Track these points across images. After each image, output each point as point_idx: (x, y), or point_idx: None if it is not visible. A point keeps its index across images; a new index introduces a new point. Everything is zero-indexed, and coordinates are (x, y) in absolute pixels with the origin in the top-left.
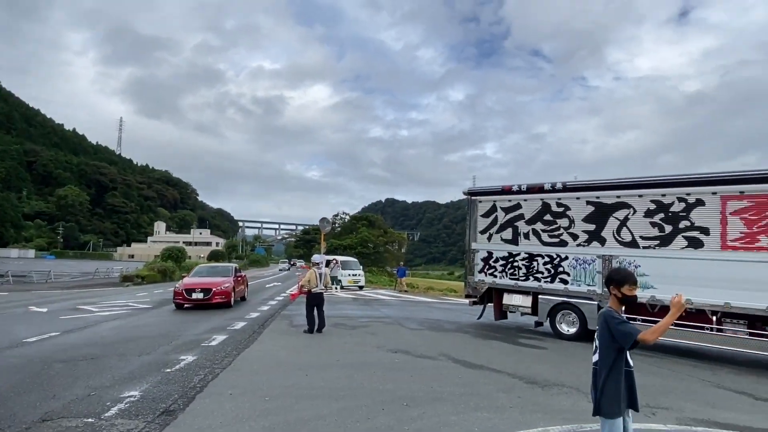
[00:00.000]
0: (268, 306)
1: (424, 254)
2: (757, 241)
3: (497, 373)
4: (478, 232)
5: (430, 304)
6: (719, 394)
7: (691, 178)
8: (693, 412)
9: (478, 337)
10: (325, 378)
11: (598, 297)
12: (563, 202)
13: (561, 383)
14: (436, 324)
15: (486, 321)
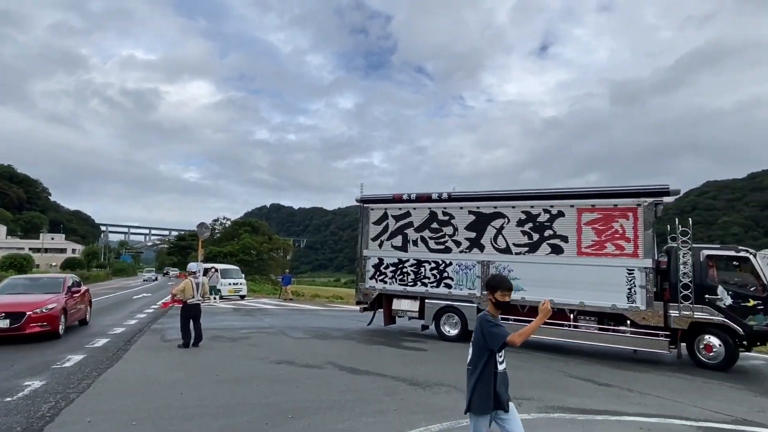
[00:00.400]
0: (135, 320)
1: (311, 261)
2: (605, 248)
3: (382, 377)
4: (370, 239)
5: (317, 312)
6: (571, 382)
7: (554, 192)
8: (550, 400)
9: (363, 343)
10: (203, 395)
11: (478, 299)
12: (448, 211)
13: (441, 382)
14: (322, 332)
15: (375, 327)
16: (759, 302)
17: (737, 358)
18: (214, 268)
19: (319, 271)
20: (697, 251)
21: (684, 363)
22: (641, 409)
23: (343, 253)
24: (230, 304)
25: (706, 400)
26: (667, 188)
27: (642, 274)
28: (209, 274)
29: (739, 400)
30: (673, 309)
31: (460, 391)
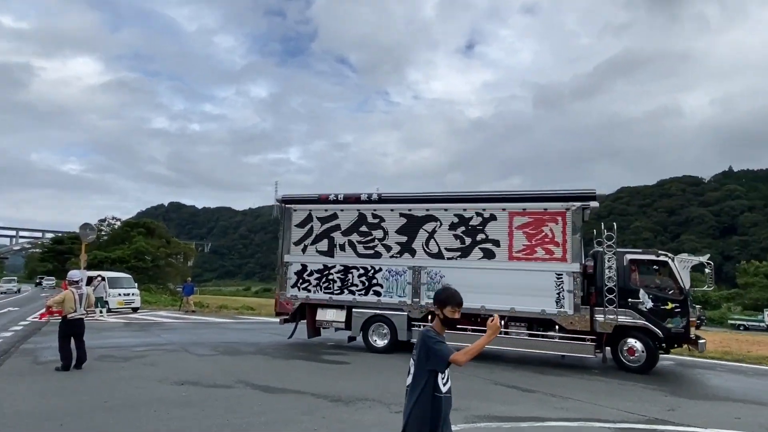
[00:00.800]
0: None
1: (216, 268)
2: (535, 253)
3: (300, 395)
4: (292, 243)
5: (224, 325)
6: (496, 389)
7: (487, 195)
8: (477, 409)
9: (279, 358)
10: (89, 426)
11: (408, 308)
12: (379, 213)
13: (365, 397)
14: (231, 347)
15: (295, 340)
16: (676, 305)
17: (657, 360)
18: (100, 276)
19: (226, 279)
20: (620, 255)
21: (601, 366)
22: (563, 413)
23: (254, 258)
24: (121, 319)
25: (622, 401)
26: (593, 193)
27: (570, 278)
28: (94, 283)
29: (652, 400)
30: (598, 313)
31: (386, 405)
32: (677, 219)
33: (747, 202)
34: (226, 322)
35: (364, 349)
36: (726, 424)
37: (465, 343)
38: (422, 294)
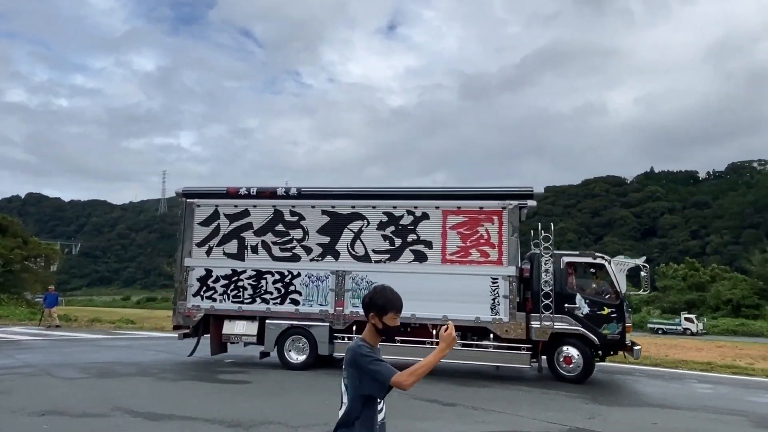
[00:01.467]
0: None
1: (88, 274)
2: (470, 255)
3: (191, 421)
4: (195, 244)
5: (97, 342)
6: (415, 404)
7: (419, 192)
8: (393, 427)
9: (166, 380)
10: None
11: (331, 318)
12: (298, 210)
13: (267, 420)
14: (106, 369)
15: (188, 359)
16: (612, 310)
17: (593, 369)
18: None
19: (99, 287)
20: (558, 258)
21: (529, 375)
22: (485, 426)
23: (135, 262)
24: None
25: (543, 411)
26: (531, 190)
27: (506, 282)
28: None
29: (573, 408)
30: (534, 320)
31: (292, 428)
32: (601, 220)
33: (667, 204)
34: (99, 338)
35: (268, 367)
36: (644, 429)
37: (395, 356)
38: (347, 302)
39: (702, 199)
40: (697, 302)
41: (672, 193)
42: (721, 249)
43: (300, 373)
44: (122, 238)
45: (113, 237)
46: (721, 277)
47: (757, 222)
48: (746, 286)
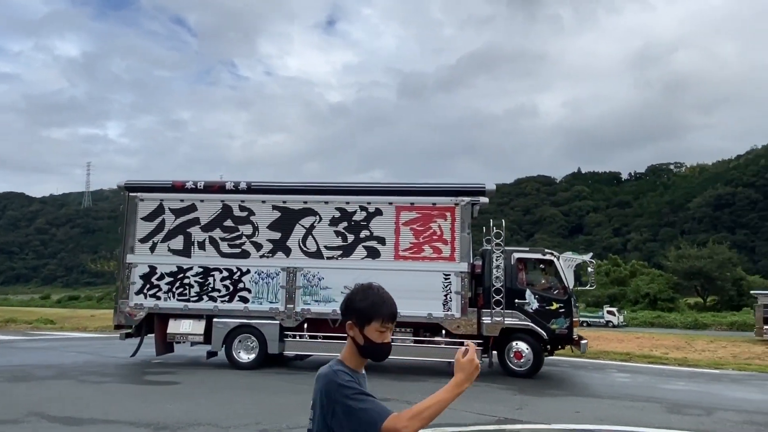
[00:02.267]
0: None
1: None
2: (422, 251)
3: (115, 425)
4: (138, 240)
5: (13, 344)
6: None
7: (372, 187)
8: None
9: (88, 383)
10: None
11: (281, 316)
12: (247, 205)
13: (197, 422)
14: (20, 371)
15: (109, 360)
16: (561, 305)
17: (543, 363)
18: None
19: (16, 285)
20: (508, 254)
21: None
22: None
23: (56, 258)
24: None
25: (475, 403)
26: (483, 188)
27: (458, 279)
28: None
29: (502, 400)
30: (485, 315)
31: (222, 428)
32: (532, 218)
33: (592, 203)
34: (15, 339)
35: (198, 366)
36: (568, 418)
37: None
38: (298, 299)
39: (624, 199)
40: (619, 296)
41: (597, 193)
42: (640, 246)
43: (234, 372)
44: (41, 233)
45: (31, 232)
46: (640, 273)
47: (672, 221)
48: (662, 281)
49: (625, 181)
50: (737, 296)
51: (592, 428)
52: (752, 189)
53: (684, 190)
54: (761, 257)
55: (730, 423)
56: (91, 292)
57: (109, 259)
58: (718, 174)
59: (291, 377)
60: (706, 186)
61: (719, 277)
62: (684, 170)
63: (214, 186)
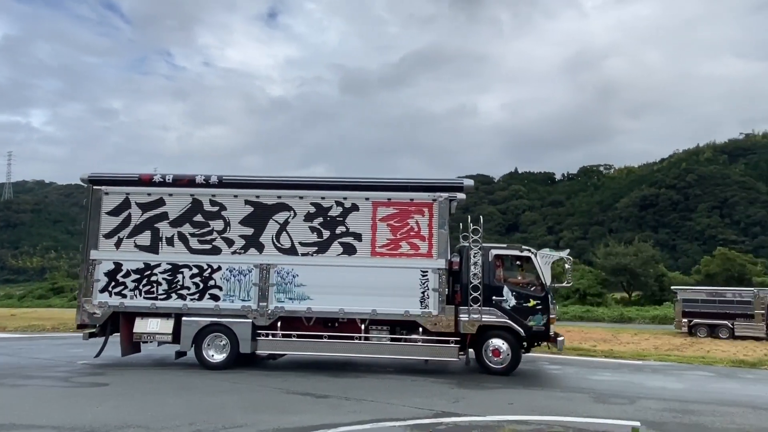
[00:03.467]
0: None
1: None
2: (400, 248)
3: (36, 430)
4: (102, 235)
5: None
6: (288, 399)
7: (348, 182)
8: (265, 423)
9: (5, 386)
10: None
11: (254, 314)
12: (218, 200)
13: (126, 424)
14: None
15: (36, 362)
16: (538, 302)
17: (520, 360)
18: None
19: None
20: (486, 251)
21: (393, 365)
22: (357, 416)
23: None
24: None
25: (413, 397)
26: (461, 184)
27: (435, 276)
28: None
29: (440, 393)
30: (463, 313)
31: (152, 429)
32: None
33: (528, 202)
34: None
35: (128, 367)
36: (502, 410)
37: (322, 352)
38: (271, 297)
39: (557, 198)
40: (551, 291)
41: (532, 192)
42: (572, 243)
43: (169, 372)
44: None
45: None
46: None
47: (602, 219)
48: (591, 277)
49: (559, 181)
50: (659, 291)
51: (525, 419)
52: (674, 191)
53: (612, 191)
54: (681, 255)
55: (651, 411)
56: (12, 290)
57: (32, 255)
58: (644, 176)
59: (231, 376)
60: (632, 187)
61: (643, 273)
62: (613, 172)
63: (184, 179)
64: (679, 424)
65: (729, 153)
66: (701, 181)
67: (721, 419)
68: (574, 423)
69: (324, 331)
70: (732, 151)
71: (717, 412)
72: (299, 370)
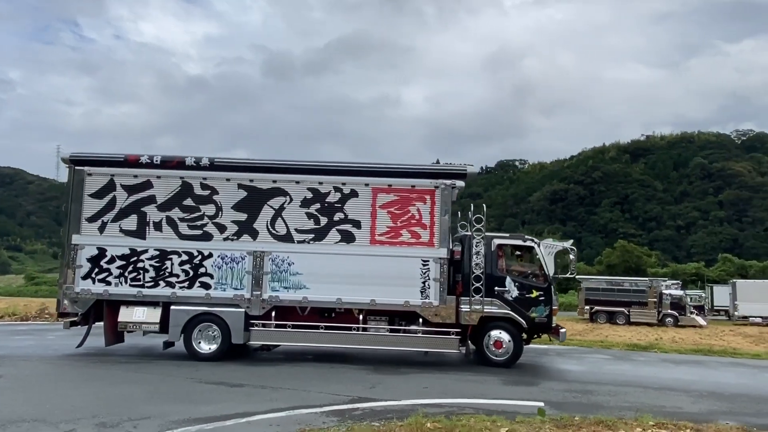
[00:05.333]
0: None
1: None
2: (400, 236)
3: None
4: (85, 219)
5: None
6: (201, 388)
7: (347, 167)
8: (176, 413)
9: None
10: None
11: (247, 303)
12: (210, 183)
13: (21, 418)
14: None
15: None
16: (541, 293)
17: (522, 352)
18: None
19: None
20: (489, 240)
21: (312, 352)
22: (272, 404)
23: None
24: None
25: (330, 384)
26: (464, 170)
27: (437, 265)
28: None
29: (357, 379)
30: (464, 303)
31: (51, 424)
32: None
33: None
34: None
35: (24, 358)
36: (417, 394)
37: (319, 343)
38: (265, 286)
39: (476, 191)
40: None
41: None
42: None
43: (70, 363)
44: None
45: None
46: None
47: (516, 212)
48: None
49: (478, 174)
50: (564, 281)
51: (438, 402)
52: (581, 186)
53: (526, 185)
54: (586, 247)
55: (554, 392)
56: None
57: None
58: (555, 172)
59: (139, 366)
60: (544, 182)
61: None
62: (527, 167)
63: (173, 161)
64: (579, 403)
65: (631, 153)
66: (605, 178)
67: (615, 398)
68: (484, 405)
69: (319, 322)
70: (634, 151)
71: (612, 392)
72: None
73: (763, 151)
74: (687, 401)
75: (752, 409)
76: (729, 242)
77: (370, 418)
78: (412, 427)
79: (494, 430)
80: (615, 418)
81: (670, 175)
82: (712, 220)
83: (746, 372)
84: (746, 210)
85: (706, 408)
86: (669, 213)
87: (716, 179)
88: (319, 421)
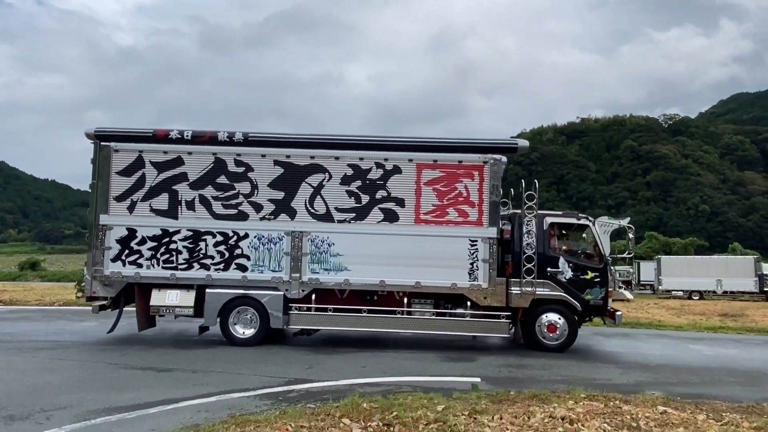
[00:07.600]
0: None
1: None
2: (446, 215)
3: None
4: (113, 198)
5: None
6: (126, 374)
7: (389, 142)
8: (95, 402)
9: None
10: None
11: (285, 285)
12: (244, 159)
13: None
14: None
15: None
16: (596, 274)
17: (576, 336)
18: None
19: None
20: (540, 218)
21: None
22: (202, 389)
23: None
24: None
25: (265, 366)
26: (515, 144)
27: (486, 245)
28: None
29: (293, 360)
30: (514, 285)
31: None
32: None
33: None
34: None
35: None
36: (355, 373)
37: (360, 328)
38: (304, 268)
39: None
40: None
41: None
42: None
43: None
44: None
45: None
46: None
47: None
48: None
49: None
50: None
51: (376, 381)
52: (520, 167)
53: None
54: None
55: (491, 367)
56: None
57: None
58: None
59: (58, 353)
60: None
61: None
62: None
63: (205, 136)
64: (514, 378)
65: (567, 134)
66: (543, 159)
67: (549, 372)
68: (423, 382)
69: (359, 305)
70: (570, 133)
71: (546, 366)
72: (141, 343)
73: (687, 135)
74: (616, 373)
75: (675, 378)
76: (655, 221)
77: (305, 399)
78: (348, 408)
79: (431, 407)
80: (548, 392)
81: (603, 157)
82: (640, 200)
83: (670, 343)
84: (671, 190)
85: (633, 379)
86: (601, 193)
87: (644, 161)
88: (252, 405)
